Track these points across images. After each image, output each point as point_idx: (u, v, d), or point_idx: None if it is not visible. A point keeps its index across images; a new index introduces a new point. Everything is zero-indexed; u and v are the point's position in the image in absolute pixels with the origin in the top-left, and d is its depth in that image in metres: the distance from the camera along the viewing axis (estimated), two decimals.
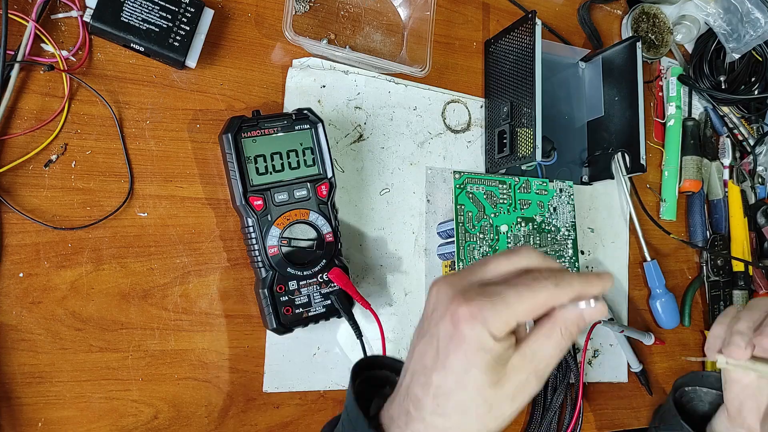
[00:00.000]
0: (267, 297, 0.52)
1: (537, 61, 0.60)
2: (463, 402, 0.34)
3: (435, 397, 0.34)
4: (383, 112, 0.64)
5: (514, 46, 0.65)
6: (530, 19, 0.61)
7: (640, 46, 0.69)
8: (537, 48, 0.60)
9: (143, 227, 0.52)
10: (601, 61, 0.75)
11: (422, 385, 0.35)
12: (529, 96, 0.60)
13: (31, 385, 0.48)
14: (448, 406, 0.34)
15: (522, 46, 0.63)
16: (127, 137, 0.53)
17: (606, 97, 0.74)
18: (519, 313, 0.33)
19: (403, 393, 0.36)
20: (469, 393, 0.34)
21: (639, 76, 0.69)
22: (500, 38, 0.68)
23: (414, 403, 0.35)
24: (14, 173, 0.49)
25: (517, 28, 0.65)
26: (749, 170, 0.87)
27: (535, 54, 0.60)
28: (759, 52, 0.85)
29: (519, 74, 0.64)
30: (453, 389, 0.34)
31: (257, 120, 0.53)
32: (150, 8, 0.51)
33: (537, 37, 0.60)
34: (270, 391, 0.55)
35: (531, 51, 0.60)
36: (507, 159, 0.65)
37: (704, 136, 0.84)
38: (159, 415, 0.51)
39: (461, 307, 0.33)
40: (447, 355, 0.34)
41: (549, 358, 0.35)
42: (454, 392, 0.34)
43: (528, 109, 0.60)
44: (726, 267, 0.83)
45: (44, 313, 0.48)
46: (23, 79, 0.50)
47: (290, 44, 0.59)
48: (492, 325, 0.33)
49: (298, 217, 0.54)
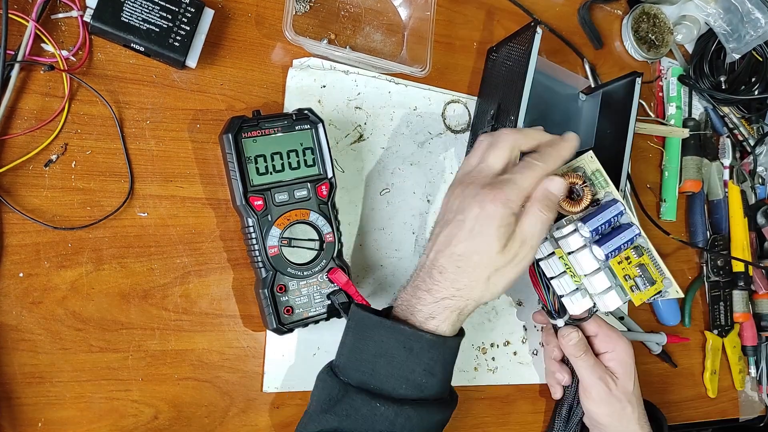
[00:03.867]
0: (267, 297, 0.52)
1: (530, 66, 0.58)
2: (479, 263, 0.47)
3: (458, 262, 0.47)
4: (383, 112, 0.64)
5: (514, 53, 0.64)
6: (532, 27, 0.60)
7: (639, 83, 0.67)
8: (532, 57, 0.59)
9: (143, 227, 0.52)
10: (602, 95, 0.73)
11: (448, 256, 0.48)
12: (516, 102, 0.59)
13: (31, 385, 0.48)
14: (468, 267, 0.47)
15: (520, 53, 0.62)
16: (127, 137, 0.53)
17: (599, 129, 0.72)
18: (527, 190, 0.48)
19: (428, 266, 0.49)
20: (483, 256, 0.47)
21: (633, 112, 0.67)
22: (502, 46, 0.67)
23: (440, 271, 0.48)
24: (14, 173, 0.49)
25: (519, 35, 0.64)
26: (749, 170, 0.87)
27: (530, 61, 0.59)
28: (759, 52, 0.85)
29: (512, 80, 0.62)
30: (473, 254, 0.47)
31: (258, 120, 0.53)
32: (150, 8, 0.51)
33: (534, 46, 0.59)
34: (270, 392, 0.55)
35: (527, 58, 0.60)
36: None
37: (704, 137, 0.84)
38: (159, 416, 0.51)
39: (489, 193, 0.47)
40: (476, 230, 0.47)
41: (536, 231, 0.48)
42: (473, 256, 0.47)
43: (513, 116, 0.58)
44: (726, 267, 0.83)
45: (44, 313, 0.48)
46: (23, 79, 0.50)
47: (290, 44, 0.59)
48: (513, 203, 0.47)
49: (299, 218, 0.54)
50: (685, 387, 0.80)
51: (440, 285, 0.48)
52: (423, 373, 0.47)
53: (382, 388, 0.47)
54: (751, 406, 0.86)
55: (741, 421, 0.85)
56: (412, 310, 0.49)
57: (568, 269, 0.56)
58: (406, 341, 0.47)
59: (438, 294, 0.48)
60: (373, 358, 0.47)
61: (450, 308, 0.48)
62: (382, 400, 0.46)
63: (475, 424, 0.64)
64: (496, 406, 0.66)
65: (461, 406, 0.63)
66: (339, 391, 0.47)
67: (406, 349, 0.47)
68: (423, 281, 0.49)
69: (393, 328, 0.48)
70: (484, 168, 0.50)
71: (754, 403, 0.86)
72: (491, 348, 0.67)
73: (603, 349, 0.62)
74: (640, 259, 0.55)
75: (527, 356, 0.68)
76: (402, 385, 0.47)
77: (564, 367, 0.64)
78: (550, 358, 0.65)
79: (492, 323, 0.67)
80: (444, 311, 0.48)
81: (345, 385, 0.48)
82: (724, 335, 0.82)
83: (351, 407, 0.47)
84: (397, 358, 0.47)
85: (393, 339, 0.47)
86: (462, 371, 0.64)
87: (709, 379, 0.81)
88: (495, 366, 0.66)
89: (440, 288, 0.48)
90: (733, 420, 0.85)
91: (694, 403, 0.81)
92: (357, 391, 0.47)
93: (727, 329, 0.82)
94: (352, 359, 0.49)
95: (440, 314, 0.48)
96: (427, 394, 0.48)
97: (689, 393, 0.81)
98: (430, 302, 0.48)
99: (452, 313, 0.48)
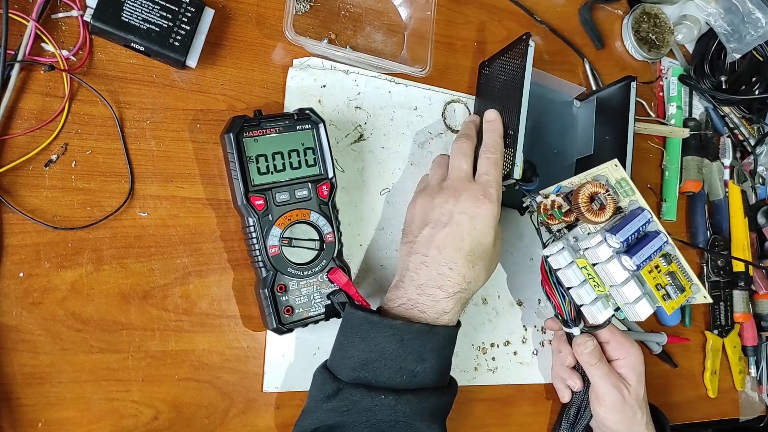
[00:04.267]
0: (268, 297, 0.52)
1: (526, 80, 0.58)
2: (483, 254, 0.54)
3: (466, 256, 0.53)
4: (384, 112, 0.64)
5: (507, 67, 0.63)
6: (524, 40, 0.60)
7: (634, 87, 0.66)
8: (527, 69, 0.58)
9: (144, 227, 0.52)
10: (596, 100, 0.72)
11: (456, 251, 0.52)
12: (515, 116, 0.58)
13: (31, 385, 0.47)
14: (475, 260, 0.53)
15: (514, 67, 0.61)
16: (127, 137, 0.53)
17: (597, 135, 0.71)
18: (499, 178, 0.55)
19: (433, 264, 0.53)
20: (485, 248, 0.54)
21: (631, 116, 0.66)
22: (495, 60, 0.66)
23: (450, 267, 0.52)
24: (14, 173, 0.49)
25: (512, 49, 0.63)
26: (750, 170, 0.87)
27: (525, 74, 0.58)
28: (760, 52, 0.85)
29: (507, 95, 0.61)
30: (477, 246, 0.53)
31: (259, 120, 0.53)
32: (150, 8, 0.51)
33: (528, 59, 0.58)
34: (270, 392, 0.55)
35: (521, 71, 0.59)
36: None
37: (705, 137, 0.84)
38: (159, 416, 0.51)
39: (480, 192, 0.53)
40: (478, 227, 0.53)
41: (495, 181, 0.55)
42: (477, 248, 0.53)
43: (512, 131, 0.58)
44: (726, 267, 0.83)
45: (44, 313, 0.48)
46: (23, 79, 0.49)
47: (291, 44, 0.59)
48: (497, 198, 0.54)
49: (299, 217, 0.54)
50: (686, 387, 0.80)
51: (453, 280, 0.52)
52: (414, 360, 0.50)
53: (378, 380, 0.49)
54: (751, 406, 0.86)
55: (741, 422, 0.85)
56: (422, 307, 0.52)
57: (591, 279, 0.56)
58: (396, 334, 0.50)
59: (451, 289, 0.52)
60: (364, 354, 0.50)
61: (461, 301, 0.53)
62: (381, 391, 0.48)
63: (475, 425, 0.64)
64: (497, 407, 0.66)
65: (461, 407, 0.63)
66: (334, 389, 0.49)
67: (397, 341, 0.50)
68: (431, 278, 0.52)
69: (382, 323, 0.50)
70: (457, 173, 0.56)
71: (754, 403, 0.86)
72: (491, 348, 0.67)
73: (615, 356, 0.62)
74: (669, 267, 0.55)
75: (527, 356, 0.68)
76: (397, 375, 0.49)
77: (575, 373, 0.64)
78: (561, 365, 0.65)
79: (492, 323, 0.67)
80: (456, 305, 0.53)
81: (339, 382, 0.50)
82: (725, 335, 0.82)
83: (350, 402, 0.49)
84: (389, 351, 0.49)
85: (381, 334, 0.50)
86: (462, 371, 0.64)
87: (709, 379, 0.81)
88: (495, 366, 0.66)
89: (453, 283, 0.52)
90: (733, 420, 0.85)
91: (694, 403, 0.81)
92: (353, 387, 0.49)
93: (728, 329, 0.82)
94: (345, 356, 0.51)
95: (452, 308, 0.52)
96: (423, 382, 0.50)
97: (689, 393, 0.81)
98: (442, 297, 0.52)
99: (462, 305, 0.54)
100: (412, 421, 0.49)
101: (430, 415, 0.50)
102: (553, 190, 0.58)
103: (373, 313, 0.52)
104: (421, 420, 0.50)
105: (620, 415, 0.61)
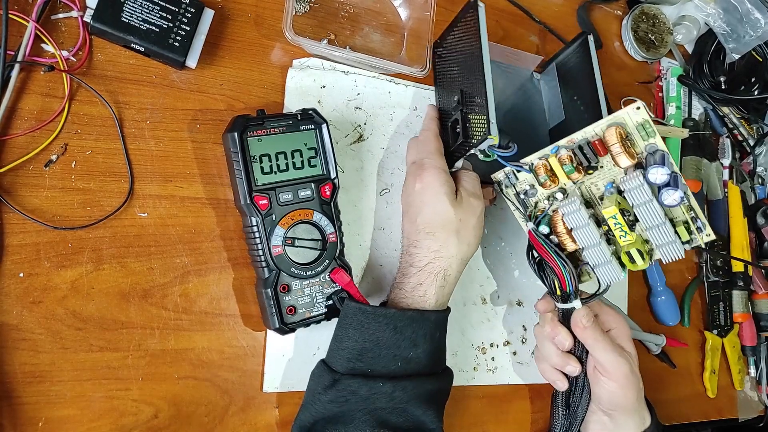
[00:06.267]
0: (270, 297, 0.52)
1: (483, 41, 0.56)
2: (442, 222, 0.55)
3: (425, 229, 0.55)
4: (383, 112, 0.64)
5: (464, 38, 0.61)
6: (472, 5, 0.58)
7: (591, 40, 0.64)
8: (482, 33, 0.56)
9: (143, 227, 0.53)
10: (556, 67, 0.71)
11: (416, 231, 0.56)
12: (479, 78, 0.55)
13: (31, 384, 0.48)
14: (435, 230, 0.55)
15: (470, 35, 0.59)
16: (127, 137, 0.53)
17: (565, 100, 0.69)
18: (437, 149, 0.59)
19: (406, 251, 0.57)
20: (442, 215, 0.55)
21: (595, 70, 0.64)
22: (447, 35, 0.64)
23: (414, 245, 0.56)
24: (14, 173, 0.49)
25: (462, 19, 0.61)
26: (749, 171, 0.88)
27: (482, 35, 0.56)
28: (759, 52, 0.85)
29: (468, 65, 0.59)
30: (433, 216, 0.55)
31: (263, 119, 0.53)
32: (150, 8, 0.51)
33: (482, 22, 0.57)
34: (270, 391, 0.56)
35: (477, 33, 0.57)
36: (461, 146, 0.58)
37: (704, 137, 0.84)
38: (159, 414, 0.51)
39: (418, 168, 0.57)
40: (426, 198, 0.56)
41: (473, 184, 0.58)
42: (434, 218, 0.55)
43: (480, 98, 0.55)
44: (725, 267, 0.83)
45: (45, 312, 0.48)
46: (23, 79, 0.50)
47: (290, 44, 0.59)
48: (438, 163, 0.57)
49: (302, 217, 0.54)
50: (685, 386, 0.81)
51: (420, 254, 0.55)
52: (408, 347, 0.51)
53: (374, 369, 0.50)
54: (750, 405, 0.86)
55: (740, 421, 0.86)
56: (402, 286, 0.55)
57: (618, 228, 0.52)
58: (390, 322, 0.51)
59: (420, 262, 0.54)
60: (359, 344, 0.51)
61: (434, 272, 0.54)
62: (378, 378, 0.50)
63: (473, 423, 0.65)
64: (495, 404, 0.66)
65: (459, 403, 0.63)
66: (332, 380, 0.50)
67: (391, 329, 0.51)
68: (406, 262, 0.56)
69: (375, 312, 0.52)
70: (407, 168, 0.61)
71: (753, 402, 0.87)
72: (491, 348, 0.67)
73: (607, 327, 0.59)
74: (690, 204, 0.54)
75: (527, 356, 0.68)
76: (392, 362, 0.51)
77: (571, 356, 0.59)
78: (554, 352, 0.60)
79: (492, 323, 0.67)
80: (429, 276, 0.54)
81: (337, 373, 0.50)
82: (724, 335, 0.82)
83: (348, 392, 0.50)
84: (384, 339, 0.50)
85: (375, 323, 0.51)
86: (462, 371, 0.64)
87: (708, 378, 0.81)
88: (494, 366, 0.66)
89: (421, 257, 0.55)
90: (732, 420, 0.85)
91: (693, 403, 0.81)
92: (350, 377, 0.50)
93: (727, 329, 0.83)
94: (341, 348, 0.52)
95: (426, 279, 0.54)
96: (417, 367, 0.52)
97: (688, 392, 0.81)
98: (415, 273, 0.54)
99: (437, 276, 0.54)
100: (408, 407, 0.50)
101: (426, 400, 0.51)
102: (551, 150, 0.55)
103: (367, 305, 0.53)
104: (417, 405, 0.50)
105: (632, 387, 0.57)
